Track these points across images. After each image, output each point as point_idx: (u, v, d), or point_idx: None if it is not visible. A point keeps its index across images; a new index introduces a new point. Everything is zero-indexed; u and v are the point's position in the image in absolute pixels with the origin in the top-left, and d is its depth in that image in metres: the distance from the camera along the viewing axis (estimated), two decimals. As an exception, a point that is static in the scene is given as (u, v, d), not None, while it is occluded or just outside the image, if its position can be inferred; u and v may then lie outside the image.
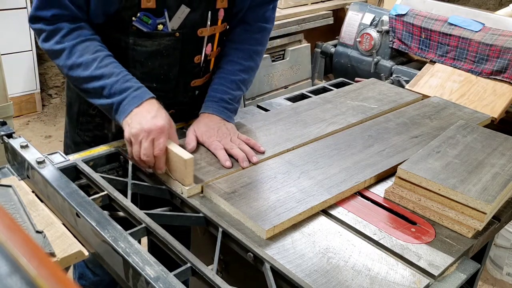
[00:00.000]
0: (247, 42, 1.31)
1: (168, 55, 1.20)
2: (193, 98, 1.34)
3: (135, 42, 1.16)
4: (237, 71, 1.28)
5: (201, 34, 1.21)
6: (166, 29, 1.16)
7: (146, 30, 1.15)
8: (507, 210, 1.06)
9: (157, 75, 1.23)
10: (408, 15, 1.99)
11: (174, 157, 1.01)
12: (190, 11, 1.15)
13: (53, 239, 0.86)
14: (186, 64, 1.24)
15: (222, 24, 1.25)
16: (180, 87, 1.29)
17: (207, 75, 1.33)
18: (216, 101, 1.24)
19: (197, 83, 1.31)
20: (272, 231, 0.90)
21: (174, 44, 1.19)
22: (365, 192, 1.08)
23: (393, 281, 0.82)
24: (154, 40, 1.17)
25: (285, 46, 2.94)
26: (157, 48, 1.18)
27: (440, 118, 1.44)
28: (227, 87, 1.25)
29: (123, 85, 1.07)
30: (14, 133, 1.14)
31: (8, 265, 0.29)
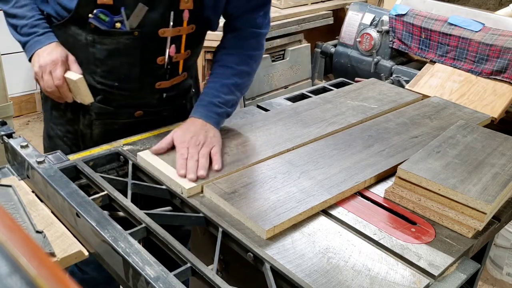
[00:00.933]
0: (240, 47, 1.29)
1: (128, 55, 1.18)
2: (162, 101, 1.30)
3: (94, 39, 1.16)
4: (229, 75, 1.25)
5: (163, 34, 1.17)
6: (124, 27, 1.14)
7: (103, 28, 1.13)
8: (507, 210, 1.06)
9: (118, 74, 1.21)
10: (408, 15, 1.99)
11: (70, 83, 1.15)
12: (149, 10, 1.13)
13: (53, 239, 0.86)
14: (148, 64, 1.21)
15: (189, 26, 1.21)
16: (145, 89, 1.26)
17: (175, 78, 1.29)
18: (205, 105, 1.21)
19: (163, 85, 1.27)
20: (272, 231, 0.90)
21: (133, 43, 1.16)
22: (365, 192, 1.08)
23: (393, 281, 0.82)
24: (113, 38, 1.15)
25: (285, 46, 2.94)
26: (116, 47, 1.17)
27: (440, 118, 1.44)
28: (217, 90, 1.23)
29: (30, 29, 1.17)
30: (14, 133, 1.14)
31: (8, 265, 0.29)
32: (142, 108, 1.29)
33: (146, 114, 1.30)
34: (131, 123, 1.30)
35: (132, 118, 1.29)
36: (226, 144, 1.19)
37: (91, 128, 1.28)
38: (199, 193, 1.02)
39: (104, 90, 1.23)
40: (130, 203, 0.98)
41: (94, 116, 1.27)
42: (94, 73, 1.21)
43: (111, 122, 1.28)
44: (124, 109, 1.28)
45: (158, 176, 1.07)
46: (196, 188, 1.02)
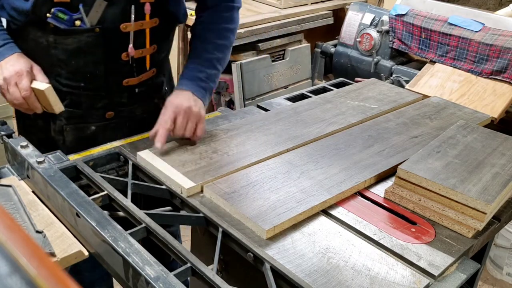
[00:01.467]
0: (217, 21, 1.29)
1: (91, 53, 1.16)
2: (132, 99, 1.28)
3: (55, 40, 1.13)
4: (211, 49, 1.26)
5: (125, 29, 1.15)
6: (83, 25, 1.11)
7: (63, 27, 1.11)
8: (507, 210, 1.06)
9: (83, 74, 1.19)
10: (408, 15, 1.99)
11: (38, 93, 1.11)
12: (109, 5, 1.11)
13: (53, 239, 0.86)
14: (112, 61, 1.19)
15: (152, 20, 1.19)
16: (112, 87, 1.23)
17: (144, 74, 1.27)
18: (191, 79, 1.22)
19: (131, 82, 1.24)
20: (272, 231, 0.90)
21: (95, 40, 1.14)
22: (365, 192, 1.08)
23: (393, 281, 0.82)
24: (74, 37, 1.13)
25: (285, 46, 2.94)
26: (78, 46, 1.14)
27: (440, 118, 1.44)
28: (201, 65, 1.24)
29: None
30: (14, 133, 1.14)
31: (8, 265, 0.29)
32: (112, 108, 1.26)
33: (118, 115, 1.28)
34: (104, 127, 1.27)
35: (103, 120, 1.26)
36: (226, 144, 1.19)
37: (63, 134, 1.25)
38: (199, 193, 1.02)
39: (70, 92, 1.21)
40: (130, 203, 0.98)
41: (65, 121, 1.24)
42: (59, 75, 1.19)
43: (82, 127, 1.25)
44: (94, 111, 1.25)
45: (158, 176, 1.07)
46: (196, 188, 1.02)
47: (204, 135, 1.17)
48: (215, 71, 1.26)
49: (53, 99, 1.11)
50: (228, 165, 1.10)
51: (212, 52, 1.26)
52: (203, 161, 1.11)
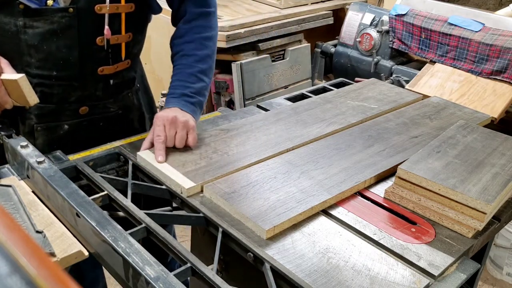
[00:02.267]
0: (195, 32, 1.25)
1: (64, 36, 1.10)
2: (107, 91, 1.24)
3: (25, 23, 1.07)
4: (193, 63, 1.23)
5: (100, 11, 1.10)
6: (56, 4, 1.07)
7: (34, 7, 1.05)
8: (507, 210, 1.06)
9: (56, 61, 1.12)
10: (408, 15, 1.99)
11: (9, 84, 1.03)
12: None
13: (53, 239, 0.86)
14: (87, 46, 1.14)
15: (128, 4, 1.15)
16: (86, 75, 1.17)
17: (119, 64, 1.22)
18: (177, 97, 1.19)
19: (106, 71, 1.19)
20: (272, 231, 0.90)
21: (69, 22, 1.09)
22: (365, 192, 1.08)
23: (393, 281, 0.82)
24: (46, 18, 1.07)
25: (285, 46, 2.94)
26: (50, 28, 1.08)
27: (440, 118, 1.44)
28: (185, 81, 1.21)
29: None
30: (14, 133, 1.14)
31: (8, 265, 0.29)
32: (87, 102, 1.21)
33: (92, 110, 1.23)
34: (77, 125, 1.22)
35: (77, 117, 1.21)
36: (226, 144, 1.19)
37: (34, 136, 1.18)
38: (199, 193, 1.02)
39: (42, 83, 1.14)
40: (130, 203, 0.98)
41: (35, 120, 1.17)
42: (29, 65, 1.12)
43: (54, 126, 1.20)
44: (67, 105, 1.19)
45: (158, 176, 1.07)
46: (196, 188, 1.02)
47: (196, 144, 1.15)
48: (202, 84, 1.23)
49: (27, 90, 1.03)
50: (228, 165, 1.10)
51: (195, 65, 1.23)
52: (203, 161, 1.11)
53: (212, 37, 1.29)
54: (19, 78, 1.01)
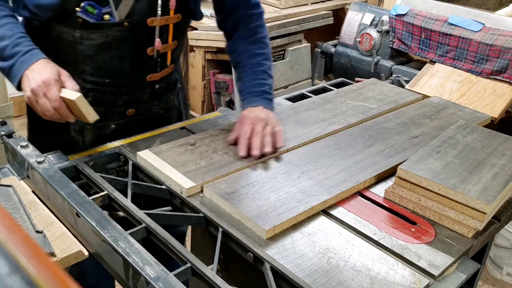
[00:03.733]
0: (254, 32, 1.32)
1: (118, 47, 1.16)
2: (153, 95, 1.30)
3: (82, 35, 1.12)
4: (261, 61, 1.30)
5: (152, 24, 1.16)
6: (113, 18, 1.11)
7: (92, 21, 1.10)
8: (507, 210, 1.06)
9: (109, 70, 1.19)
10: (408, 15, 1.99)
11: (68, 102, 1.03)
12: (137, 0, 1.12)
13: (53, 239, 0.86)
14: (139, 56, 1.20)
15: (176, 15, 1.20)
16: (136, 83, 1.24)
17: (165, 70, 1.28)
18: (259, 95, 1.26)
19: (154, 77, 1.26)
20: (272, 231, 0.90)
21: (124, 35, 1.14)
22: (365, 192, 1.08)
23: (393, 281, 0.82)
24: (102, 31, 1.12)
25: (285, 46, 2.94)
26: (105, 40, 1.14)
27: (440, 118, 1.44)
28: (260, 79, 1.27)
29: (13, 50, 1.05)
30: (14, 133, 1.14)
31: (8, 265, 0.29)
32: (134, 105, 1.27)
33: (138, 111, 1.29)
34: (123, 124, 1.28)
35: (124, 118, 1.27)
36: (226, 144, 1.19)
37: (83, 134, 1.24)
38: (199, 193, 1.02)
39: (94, 89, 1.20)
40: (130, 203, 0.98)
41: None
42: (83, 72, 1.18)
43: (103, 126, 1.25)
44: (116, 108, 1.25)
45: (158, 176, 1.07)
46: (196, 188, 1.02)
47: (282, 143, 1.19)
48: (271, 80, 1.31)
49: (85, 108, 1.03)
50: (228, 165, 1.10)
51: (264, 63, 1.30)
52: (203, 161, 1.11)
53: (267, 35, 1.37)
54: (76, 98, 1.01)
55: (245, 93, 1.28)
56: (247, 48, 1.31)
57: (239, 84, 1.32)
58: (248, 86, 1.28)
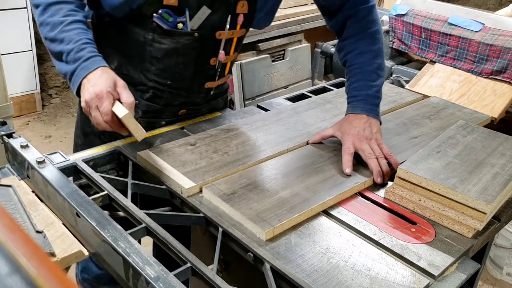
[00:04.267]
0: (364, 29, 1.26)
1: (184, 54, 1.22)
2: (206, 99, 1.36)
3: (154, 38, 1.18)
4: (371, 60, 1.23)
5: (219, 36, 1.22)
6: (185, 28, 1.17)
7: (166, 28, 1.16)
8: (507, 210, 1.06)
9: (172, 73, 1.24)
10: (408, 15, 1.99)
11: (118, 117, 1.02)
12: (211, 13, 1.17)
13: (53, 239, 0.86)
14: (201, 65, 1.26)
15: (241, 30, 1.26)
16: (194, 88, 1.30)
17: (222, 79, 1.35)
18: (363, 99, 1.20)
19: (210, 85, 1.32)
20: (271, 232, 0.90)
21: (192, 44, 1.20)
22: (365, 192, 1.08)
23: (393, 281, 0.82)
24: (173, 38, 1.18)
25: (285, 46, 2.94)
26: (175, 46, 1.19)
27: (439, 118, 1.44)
28: (368, 80, 1.21)
29: (76, 55, 1.06)
30: (14, 133, 1.14)
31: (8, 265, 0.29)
32: (187, 106, 1.34)
33: (188, 112, 1.35)
34: (172, 122, 1.33)
35: (175, 117, 1.34)
36: (226, 144, 1.19)
37: None
38: (199, 192, 1.02)
39: (155, 87, 1.26)
40: (130, 203, 0.98)
41: (140, 114, 1.28)
42: (148, 71, 1.23)
43: (154, 122, 1.31)
44: (170, 107, 1.31)
45: (158, 176, 1.07)
46: (196, 188, 1.02)
47: (388, 152, 1.14)
48: (381, 80, 1.24)
49: (133, 127, 1.02)
50: (228, 165, 1.10)
51: (373, 62, 1.23)
52: (203, 161, 1.11)
53: (379, 30, 1.30)
54: (123, 116, 1.00)
55: (349, 97, 1.23)
56: (355, 46, 1.25)
57: (346, 86, 1.26)
58: (353, 88, 1.22)
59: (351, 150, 1.12)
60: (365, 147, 1.11)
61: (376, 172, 1.08)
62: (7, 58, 3.37)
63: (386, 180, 1.09)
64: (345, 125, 1.17)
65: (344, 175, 1.09)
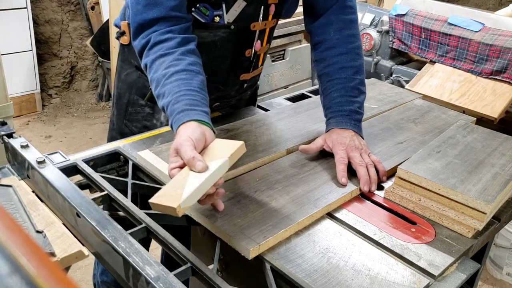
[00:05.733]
0: (346, 41, 1.24)
1: (221, 47, 1.24)
2: (239, 91, 1.39)
3: (193, 32, 1.17)
4: (352, 76, 1.21)
5: (254, 28, 1.24)
6: (222, 21, 1.19)
7: (204, 21, 1.18)
8: (507, 210, 1.06)
9: (210, 67, 1.24)
10: (408, 15, 1.99)
11: None
12: (246, 5, 1.19)
13: (53, 239, 0.86)
14: (237, 57, 1.28)
15: (272, 20, 1.29)
16: (229, 80, 1.33)
17: (256, 70, 1.38)
18: (347, 114, 1.18)
19: (245, 77, 1.35)
20: (257, 250, 0.85)
21: (229, 36, 1.22)
22: (365, 192, 1.08)
23: (393, 281, 0.82)
24: (210, 31, 1.20)
25: (285, 46, 2.94)
26: (212, 40, 1.22)
27: (424, 122, 1.41)
28: (350, 96, 1.19)
29: (172, 107, 0.97)
30: (14, 133, 1.14)
31: (8, 265, 0.29)
32: (221, 99, 1.37)
33: (221, 104, 1.39)
34: None
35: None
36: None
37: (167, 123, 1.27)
38: (199, 193, 1.02)
39: None
40: (130, 203, 0.98)
41: None
42: None
43: None
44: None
45: (158, 176, 1.07)
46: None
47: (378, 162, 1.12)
48: (363, 96, 1.23)
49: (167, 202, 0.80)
50: (228, 165, 1.10)
51: (355, 77, 1.21)
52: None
53: (361, 46, 1.28)
54: (153, 202, 0.80)
55: (332, 111, 1.20)
56: (337, 59, 1.22)
57: (325, 99, 1.23)
58: (336, 104, 1.20)
59: (346, 160, 1.10)
60: (356, 155, 1.10)
61: (364, 181, 1.06)
62: (7, 58, 3.37)
63: (373, 189, 1.07)
64: (334, 136, 1.15)
65: (330, 185, 1.06)
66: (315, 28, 1.28)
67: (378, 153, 1.20)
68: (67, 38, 4.05)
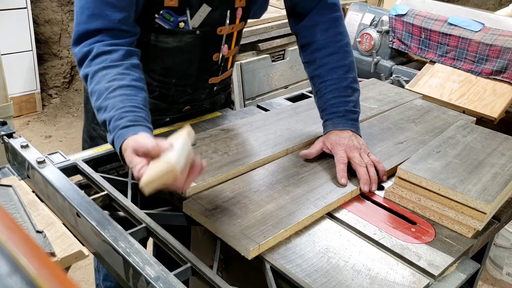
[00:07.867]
0: (334, 40, 1.22)
1: (188, 52, 1.23)
2: (209, 95, 1.39)
3: (156, 38, 1.19)
4: (344, 75, 1.20)
5: (220, 32, 1.24)
6: (187, 27, 1.18)
7: (168, 27, 1.17)
8: (507, 210, 1.06)
9: (177, 71, 1.26)
10: (408, 15, 1.99)
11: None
12: (211, 10, 1.18)
13: (53, 239, 0.86)
14: (205, 61, 1.28)
15: (240, 23, 1.28)
16: (198, 84, 1.32)
17: (225, 73, 1.37)
18: (343, 115, 1.17)
19: (214, 80, 1.34)
20: (257, 250, 0.86)
21: (195, 41, 1.22)
22: (365, 192, 1.08)
23: (393, 281, 0.82)
24: (175, 37, 1.19)
25: (285, 46, 2.94)
26: (177, 45, 1.21)
27: (424, 122, 1.41)
28: (344, 96, 1.18)
29: (116, 122, 0.94)
30: (14, 133, 1.14)
31: (8, 265, 0.29)
32: (191, 103, 1.36)
33: (192, 108, 1.38)
34: (176, 118, 1.36)
35: (179, 113, 1.36)
36: (226, 144, 1.19)
37: None
38: (199, 192, 1.02)
39: (161, 86, 1.28)
40: (130, 203, 0.98)
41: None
42: (153, 71, 1.25)
43: (159, 119, 1.32)
44: (176, 105, 1.34)
45: (158, 176, 1.07)
46: (196, 188, 1.02)
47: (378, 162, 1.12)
48: (357, 93, 1.22)
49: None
50: (228, 165, 1.10)
51: (346, 76, 1.20)
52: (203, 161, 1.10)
53: (349, 42, 1.26)
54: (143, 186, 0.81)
55: (328, 113, 1.19)
56: (327, 60, 1.21)
57: (319, 101, 1.22)
58: (331, 105, 1.19)
59: (345, 160, 1.09)
60: (355, 155, 1.10)
61: (364, 180, 1.06)
62: (7, 58, 3.37)
63: (373, 189, 1.07)
64: (333, 137, 1.14)
65: (330, 185, 1.06)
66: (301, 30, 1.26)
67: (378, 153, 1.20)
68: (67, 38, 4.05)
